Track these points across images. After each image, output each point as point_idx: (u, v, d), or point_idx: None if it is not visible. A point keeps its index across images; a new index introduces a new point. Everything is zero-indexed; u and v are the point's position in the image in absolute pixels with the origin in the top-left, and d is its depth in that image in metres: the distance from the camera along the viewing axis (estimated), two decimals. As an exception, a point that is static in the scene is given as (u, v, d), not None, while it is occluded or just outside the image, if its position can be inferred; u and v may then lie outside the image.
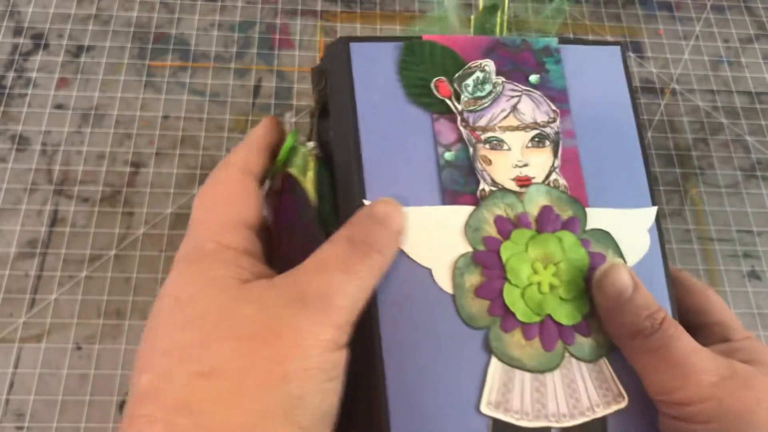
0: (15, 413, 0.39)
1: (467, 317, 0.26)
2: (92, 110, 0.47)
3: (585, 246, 0.27)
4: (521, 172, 0.28)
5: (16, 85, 0.48)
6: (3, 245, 0.43)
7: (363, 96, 0.28)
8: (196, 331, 0.21)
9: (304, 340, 0.20)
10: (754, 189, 0.48)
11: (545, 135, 0.29)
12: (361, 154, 0.27)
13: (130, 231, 0.44)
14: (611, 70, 0.30)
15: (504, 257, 0.27)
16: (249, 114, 0.48)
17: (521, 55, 0.30)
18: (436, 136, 0.28)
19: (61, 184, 0.45)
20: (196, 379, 0.20)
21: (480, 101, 0.29)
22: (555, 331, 0.26)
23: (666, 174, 0.48)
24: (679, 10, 0.55)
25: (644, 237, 0.28)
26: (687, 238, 0.46)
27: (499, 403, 0.25)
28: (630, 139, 0.29)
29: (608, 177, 0.28)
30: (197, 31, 0.51)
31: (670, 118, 0.50)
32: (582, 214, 0.28)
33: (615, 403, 0.26)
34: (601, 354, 0.26)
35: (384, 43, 0.29)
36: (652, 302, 0.25)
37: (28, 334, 0.41)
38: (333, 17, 0.53)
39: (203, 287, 0.22)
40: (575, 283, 0.27)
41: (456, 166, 0.28)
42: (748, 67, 0.53)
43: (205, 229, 0.24)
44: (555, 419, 0.26)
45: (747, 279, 0.46)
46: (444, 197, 0.27)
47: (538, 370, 0.26)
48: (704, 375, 0.23)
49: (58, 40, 0.50)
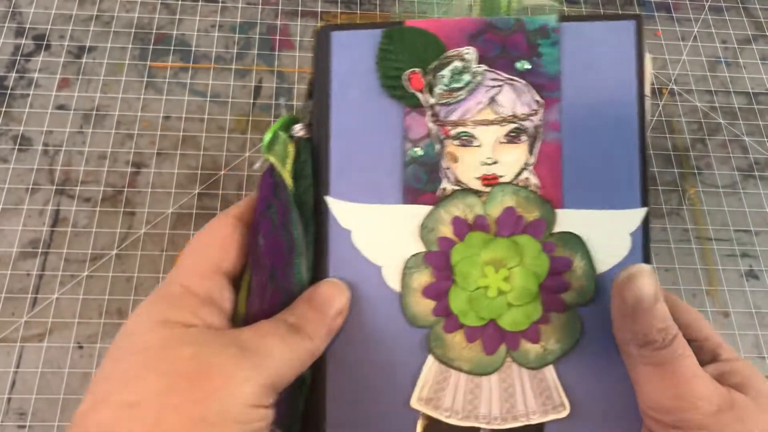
0: (17, 412, 0.39)
1: (411, 316, 0.26)
2: (93, 111, 0.48)
3: (548, 250, 0.26)
4: (489, 170, 0.27)
5: (18, 86, 0.48)
6: (5, 245, 0.43)
7: (339, 86, 0.28)
8: (134, 364, 0.22)
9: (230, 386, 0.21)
10: (752, 189, 0.49)
11: (523, 129, 0.27)
12: (329, 147, 0.27)
13: (131, 231, 0.44)
14: (620, 50, 0.27)
15: (454, 259, 0.26)
16: (249, 114, 0.49)
17: (512, 37, 0.27)
18: (406, 131, 0.27)
19: (63, 184, 0.45)
20: (124, 407, 0.21)
21: (455, 93, 0.27)
22: (498, 335, 0.26)
23: (664, 174, 0.49)
24: (677, 10, 0.55)
25: (625, 240, 0.26)
26: (685, 238, 0.47)
27: (429, 399, 0.26)
28: (628, 133, 0.27)
29: (593, 175, 0.27)
30: (198, 32, 0.51)
31: (668, 118, 0.51)
32: (550, 215, 0.26)
33: (554, 412, 0.26)
34: (547, 362, 0.26)
35: (366, 31, 0.28)
36: (668, 316, 0.24)
37: (29, 333, 0.41)
38: (333, 18, 0.53)
39: (153, 325, 0.23)
40: (527, 290, 0.26)
41: (422, 163, 0.27)
42: (746, 67, 0.53)
43: (179, 272, 0.25)
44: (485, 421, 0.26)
45: (745, 278, 0.46)
46: (405, 195, 0.27)
47: (476, 372, 0.26)
48: (703, 402, 0.22)
49: (59, 40, 0.50)
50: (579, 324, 0.26)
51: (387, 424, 0.26)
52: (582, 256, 0.26)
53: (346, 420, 0.26)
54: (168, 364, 0.22)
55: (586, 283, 0.26)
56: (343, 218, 0.27)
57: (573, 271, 0.26)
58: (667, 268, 0.46)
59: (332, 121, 0.27)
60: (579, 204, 0.26)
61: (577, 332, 0.26)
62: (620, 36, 0.27)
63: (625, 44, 0.27)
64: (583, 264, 0.26)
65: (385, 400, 0.26)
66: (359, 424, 0.26)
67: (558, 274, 0.26)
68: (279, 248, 0.26)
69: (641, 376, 0.24)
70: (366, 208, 0.27)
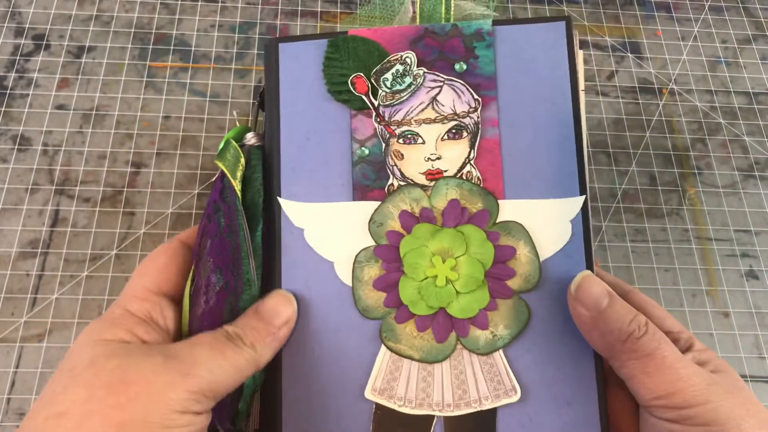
0: (16, 412, 0.39)
1: (363, 308, 0.27)
2: (93, 111, 0.48)
3: (493, 239, 0.27)
4: (432, 165, 0.28)
5: (18, 86, 0.48)
6: (4, 245, 0.43)
7: (288, 95, 0.29)
8: (62, 380, 0.23)
9: (151, 392, 0.22)
10: (752, 189, 0.49)
11: (463, 126, 0.28)
12: (280, 150, 0.29)
13: (130, 231, 0.44)
14: (552, 50, 0.29)
15: (402, 251, 0.27)
16: (249, 114, 0.48)
17: (449, 42, 0.29)
18: (353, 133, 0.29)
19: (62, 184, 0.45)
20: (50, 418, 0.22)
21: (398, 95, 0.29)
22: (448, 323, 0.27)
23: (664, 174, 0.49)
24: (677, 10, 0.55)
25: (565, 227, 0.27)
26: (685, 238, 0.47)
27: (383, 389, 0.27)
28: (564, 126, 0.28)
29: (532, 167, 0.28)
30: (198, 32, 0.51)
31: (668, 118, 0.51)
32: (494, 206, 0.28)
33: (506, 397, 0.26)
34: (496, 347, 0.27)
35: (312, 41, 0.30)
36: (630, 308, 0.25)
37: (29, 333, 0.41)
38: (333, 18, 0.53)
39: (87, 345, 0.24)
40: (474, 278, 0.27)
41: (369, 162, 0.29)
42: (746, 67, 0.53)
43: (122, 296, 0.27)
44: (438, 408, 0.27)
45: (745, 278, 0.46)
46: (355, 193, 0.28)
47: (427, 360, 0.27)
48: (695, 379, 0.24)
49: (59, 40, 0.50)
50: (526, 310, 0.27)
51: (343, 417, 0.27)
52: (525, 243, 0.27)
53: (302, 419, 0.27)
54: (91, 377, 0.22)
55: (530, 270, 0.27)
56: (296, 217, 0.28)
57: (517, 259, 0.27)
58: (667, 268, 0.46)
59: (282, 126, 0.29)
60: (520, 194, 0.28)
61: (525, 318, 0.27)
62: (551, 36, 0.29)
63: (556, 44, 0.29)
64: (527, 251, 0.27)
65: (341, 392, 0.27)
66: (315, 421, 0.27)
67: (503, 262, 0.27)
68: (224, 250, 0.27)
69: (635, 371, 0.25)
70: (317, 207, 0.28)
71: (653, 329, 0.25)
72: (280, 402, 0.27)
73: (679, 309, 0.44)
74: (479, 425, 0.26)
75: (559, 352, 0.27)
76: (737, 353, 0.44)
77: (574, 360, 0.27)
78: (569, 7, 0.54)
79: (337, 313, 0.27)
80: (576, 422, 0.26)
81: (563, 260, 0.27)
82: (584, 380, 0.26)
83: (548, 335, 0.27)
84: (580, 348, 0.27)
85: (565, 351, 0.27)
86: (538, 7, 0.54)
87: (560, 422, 0.26)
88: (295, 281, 0.28)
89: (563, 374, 0.26)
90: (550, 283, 0.27)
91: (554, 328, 0.27)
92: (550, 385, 0.26)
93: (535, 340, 0.27)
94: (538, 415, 0.26)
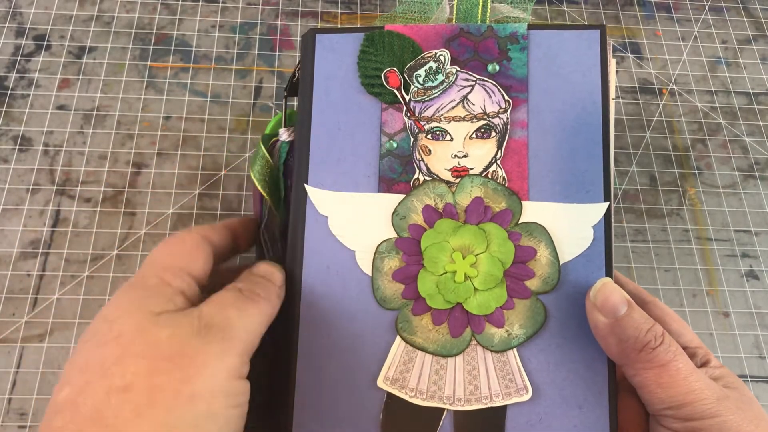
0: (17, 412, 0.39)
1: (381, 298, 0.28)
2: (94, 111, 0.48)
3: (514, 239, 0.28)
4: (459, 162, 0.29)
5: (19, 86, 0.48)
6: (5, 245, 0.43)
7: (321, 85, 0.29)
8: (112, 349, 0.22)
9: (211, 363, 0.22)
10: (752, 189, 0.49)
11: (492, 126, 0.29)
12: (310, 139, 0.29)
13: (131, 231, 0.44)
14: (585, 56, 0.29)
15: (423, 245, 0.28)
16: (250, 114, 0.49)
17: (484, 43, 0.30)
18: (383, 126, 0.29)
19: (63, 185, 0.45)
20: (113, 393, 0.21)
21: (429, 91, 0.29)
22: (464, 318, 0.27)
23: (664, 174, 0.49)
24: (677, 11, 0.55)
25: (587, 232, 0.28)
26: (685, 238, 0.47)
27: (396, 379, 0.27)
28: (592, 133, 0.28)
29: (558, 170, 0.28)
30: (198, 33, 0.51)
31: (669, 118, 0.51)
32: (517, 206, 0.28)
33: (517, 395, 0.27)
34: (510, 346, 0.27)
35: (349, 34, 0.30)
36: (648, 318, 0.26)
37: (30, 333, 0.41)
38: (333, 18, 0.53)
39: (130, 311, 0.23)
40: (493, 275, 0.27)
41: (396, 155, 0.29)
42: (746, 67, 0.53)
43: (153, 267, 0.26)
44: (449, 402, 0.27)
45: (745, 279, 0.46)
46: (380, 185, 0.29)
47: (441, 353, 0.27)
48: (706, 392, 0.24)
49: (60, 41, 0.50)
50: (543, 311, 0.27)
51: (353, 404, 0.27)
52: (546, 245, 0.28)
53: (313, 402, 0.27)
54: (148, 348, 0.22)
55: (550, 272, 0.27)
56: (321, 205, 0.28)
57: (537, 260, 0.27)
58: (667, 269, 0.46)
59: (314, 115, 0.29)
60: (544, 197, 0.28)
61: (541, 319, 0.27)
62: (585, 43, 0.29)
63: (590, 51, 0.29)
64: (548, 253, 0.27)
65: (353, 380, 0.27)
66: (326, 405, 0.27)
67: (523, 262, 0.27)
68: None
69: (648, 381, 0.25)
70: (343, 196, 0.28)
71: (669, 340, 0.25)
72: (293, 383, 0.27)
73: (679, 309, 0.44)
74: (488, 421, 0.26)
75: (573, 355, 0.27)
76: (737, 353, 0.44)
77: (588, 364, 0.27)
78: (569, 7, 0.54)
79: (355, 302, 0.28)
80: (585, 425, 0.26)
81: (583, 265, 0.27)
82: (596, 385, 0.26)
83: (563, 338, 0.27)
84: (594, 353, 0.27)
85: (579, 354, 0.27)
86: (538, 7, 0.54)
87: (570, 424, 0.26)
88: (317, 267, 0.28)
89: (576, 377, 0.27)
90: (568, 286, 0.27)
91: (570, 331, 0.27)
92: (562, 387, 0.27)
93: (550, 342, 0.27)
94: (547, 415, 0.26)
